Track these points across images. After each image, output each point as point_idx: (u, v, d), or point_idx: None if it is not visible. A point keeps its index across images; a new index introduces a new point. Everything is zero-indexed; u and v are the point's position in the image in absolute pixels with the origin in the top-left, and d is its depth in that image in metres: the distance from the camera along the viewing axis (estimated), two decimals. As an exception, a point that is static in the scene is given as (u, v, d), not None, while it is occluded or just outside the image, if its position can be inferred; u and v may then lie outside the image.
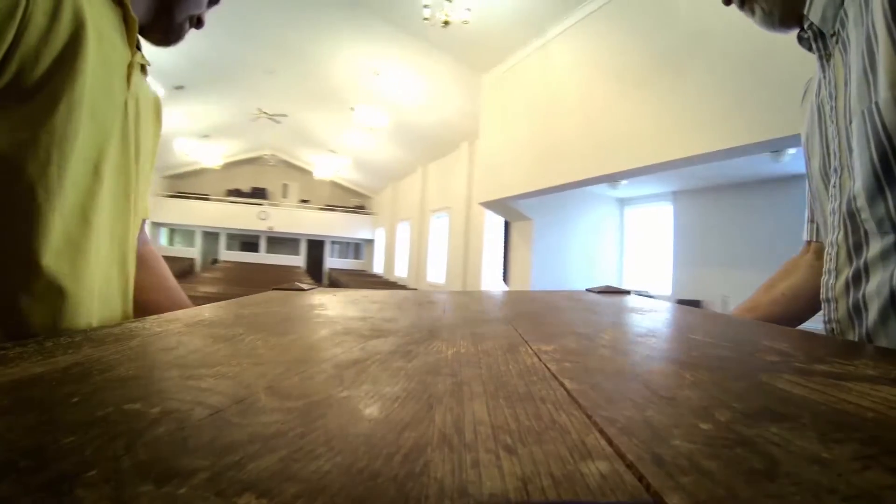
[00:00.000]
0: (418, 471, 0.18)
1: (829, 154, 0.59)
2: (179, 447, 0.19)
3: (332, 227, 16.60)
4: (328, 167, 12.94)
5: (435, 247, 10.23)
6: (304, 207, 16.58)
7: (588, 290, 1.07)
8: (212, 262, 16.18)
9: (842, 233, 0.56)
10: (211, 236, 16.74)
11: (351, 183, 16.54)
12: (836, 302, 0.58)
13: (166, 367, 0.34)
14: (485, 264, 7.84)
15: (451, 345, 0.43)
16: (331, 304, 0.78)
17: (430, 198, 10.46)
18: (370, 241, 17.02)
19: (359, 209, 17.21)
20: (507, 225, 6.75)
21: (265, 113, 10.38)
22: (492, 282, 7.52)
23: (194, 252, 16.33)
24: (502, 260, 6.80)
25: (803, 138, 0.70)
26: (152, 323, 0.53)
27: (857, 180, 0.51)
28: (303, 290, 1.01)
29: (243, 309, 0.68)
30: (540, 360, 0.37)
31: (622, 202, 7.03)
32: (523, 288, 6.02)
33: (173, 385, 0.29)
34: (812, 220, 0.76)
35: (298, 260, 17.02)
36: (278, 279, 9.43)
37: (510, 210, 6.09)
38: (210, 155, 12.86)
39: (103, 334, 0.45)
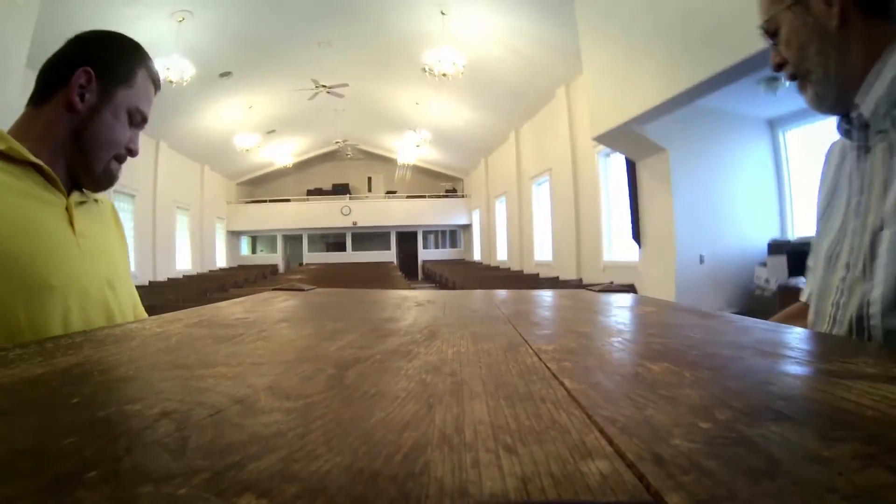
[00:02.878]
0: (418, 470, 0.18)
1: (842, 242, 0.58)
2: (180, 448, 0.19)
3: (422, 216, 14.74)
4: (411, 146, 11.24)
5: (540, 220, 8.45)
6: (390, 198, 15.06)
7: (588, 288, 1.08)
8: (297, 266, 15.05)
9: (845, 330, 0.56)
10: (294, 240, 15.55)
11: (439, 166, 14.56)
12: None
13: (166, 367, 0.34)
14: (603, 230, 6.18)
15: (451, 344, 0.43)
16: (331, 305, 0.78)
17: (528, 164, 8.85)
18: (467, 227, 15.02)
19: (450, 193, 15.23)
20: (630, 170, 4.95)
21: (323, 86, 8.62)
22: (618, 248, 5.84)
23: (276, 258, 15.22)
24: (630, 216, 5.00)
25: (821, 207, 0.68)
26: (152, 324, 0.53)
27: (877, 289, 0.50)
28: (302, 290, 1.01)
29: (242, 309, 0.68)
30: (540, 359, 0.37)
31: (772, 125, 4.86)
32: (666, 250, 4.57)
33: (173, 385, 0.29)
34: None
35: (390, 255, 15.46)
36: (366, 279, 8.34)
37: (637, 140, 4.46)
38: (280, 153, 11.66)
39: (103, 335, 0.45)
